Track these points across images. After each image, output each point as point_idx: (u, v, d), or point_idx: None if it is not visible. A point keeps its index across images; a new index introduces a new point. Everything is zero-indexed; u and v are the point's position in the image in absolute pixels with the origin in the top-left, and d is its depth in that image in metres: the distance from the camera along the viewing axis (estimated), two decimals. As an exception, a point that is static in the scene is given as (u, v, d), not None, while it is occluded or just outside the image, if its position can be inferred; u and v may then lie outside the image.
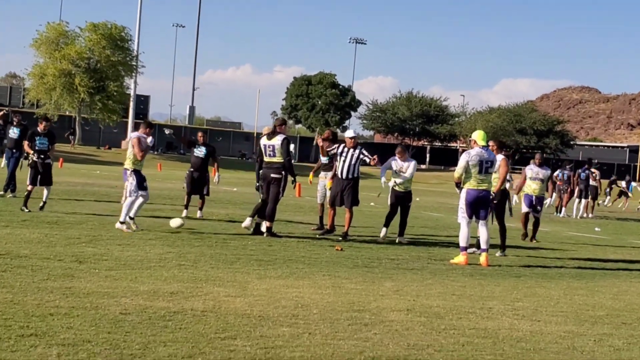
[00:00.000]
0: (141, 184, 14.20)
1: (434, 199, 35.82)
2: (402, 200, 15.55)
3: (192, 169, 17.52)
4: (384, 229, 15.34)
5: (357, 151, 15.15)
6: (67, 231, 12.87)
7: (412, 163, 15.66)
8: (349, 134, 15.89)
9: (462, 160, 12.59)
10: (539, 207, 17.57)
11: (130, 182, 14.13)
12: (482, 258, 12.50)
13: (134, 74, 71.18)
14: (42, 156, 16.48)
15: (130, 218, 13.96)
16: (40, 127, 16.70)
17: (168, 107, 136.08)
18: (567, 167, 31.68)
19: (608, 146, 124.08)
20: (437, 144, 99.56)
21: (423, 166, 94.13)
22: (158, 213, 17.67)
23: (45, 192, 16.40)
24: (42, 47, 65.96)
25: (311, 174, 17.84)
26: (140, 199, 14.11)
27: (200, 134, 18.29)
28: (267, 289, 8.78)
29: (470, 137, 12.97)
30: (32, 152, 16.40)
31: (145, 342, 5.99)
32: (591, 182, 30.16)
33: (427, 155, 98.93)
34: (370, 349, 6.29)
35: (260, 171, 14.72)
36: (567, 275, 11.93)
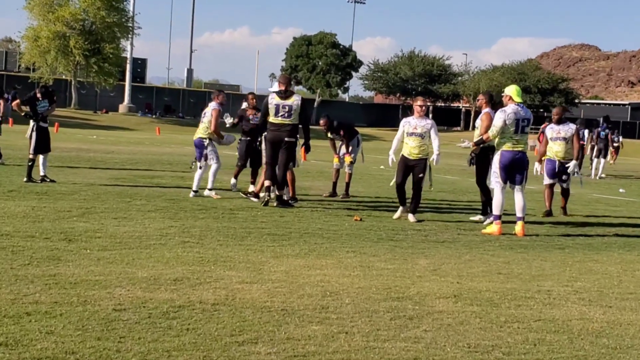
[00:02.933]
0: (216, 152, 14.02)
1: (443, 161, 34.32)
2: (413, 169, 12.40)
3: (248, 138, 14.96)
4: (400, 209, 12.50)
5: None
6: (57, 203, 11.60)
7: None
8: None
9: (499, 119, 11.24)
10: (564, 176, 14.37)
11: (210, 150, 13.87)
12: (518, 227, 11.25)
13: (130, 36, 69.41)
14: (44, 120, 15.09)
15: (209, 189, 13.72)
16: (38, 96, 15.17)
17: (165, 70, 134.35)
18: (582, 126, 30.53)
19: (609, 104, 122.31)
20: (440, 103, 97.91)
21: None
22: (157, 181, 16.40)
23: (42, 159, 14.90)
24: (35, 9, 64.06)
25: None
26: (215, 166, 13.92)
27: (250, 96, 16.10)
28: (286, 271, 7.53)
29: (504, 92, 11.61)
30: (29, 115, 14.95)
31: (145, 351, 4.75)
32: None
33: (430, 116, 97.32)
34: (424, 353, 5.06)
35: (266, 133, 13.19)
36: (614, 246, 10.68)
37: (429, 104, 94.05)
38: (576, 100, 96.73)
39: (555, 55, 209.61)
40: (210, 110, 13.87)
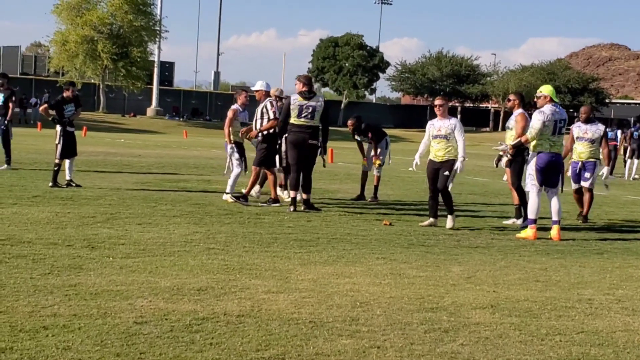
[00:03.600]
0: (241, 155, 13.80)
1: (472, 162, 34.02)
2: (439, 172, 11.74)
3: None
4: (430, 220, 11.71)
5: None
6: (81, 209, 11.41)
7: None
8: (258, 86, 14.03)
9: (538, 120, 10.84)
10: (587, 174, 13.30)
11: (232, 154, 13.70)
12: (554, 232, 10.88)
13: (157, 39, 69.56)
14: (71, 125, 14.90)
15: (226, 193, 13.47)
16: (67, 94, 15.02)
17: (193, 73, 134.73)
18: (614, 126, 30.08)
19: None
20: (468, 104, 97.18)
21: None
22: (183, 185, 16.20)
23: (68, 163, 14.68)
24: (63, 14, 64.37)
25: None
26: (236, 170, 13.64)
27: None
28: (313, 279, 7.25)
29: (539, 92, 11.22)
30: (56, 119, 14.74)
31: (166, 368, 4.49)
32: None
33: (459, 116, 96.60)
34: (461, 370, 4.76)
35: (287, 135, 12.81)
36: (655, 251, 10.29)
37: (453, 103, 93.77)
38: (607, 100, 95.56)
39: (585, 55, 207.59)
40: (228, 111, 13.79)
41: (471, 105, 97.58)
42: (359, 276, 7.51)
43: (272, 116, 13.15)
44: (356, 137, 15.23)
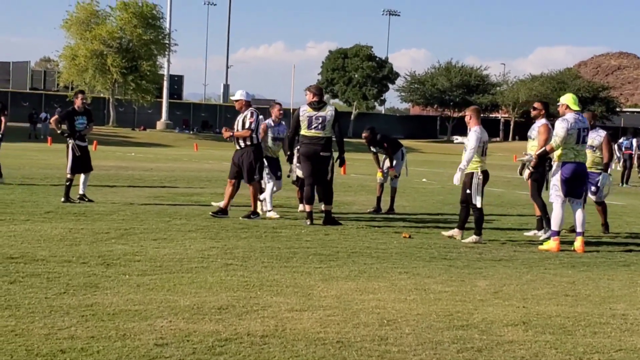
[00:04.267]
0: (273, 170, 13.63)
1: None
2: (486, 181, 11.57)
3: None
4: (456, 230, 11.40)
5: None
6: (95, 224, 11.21)
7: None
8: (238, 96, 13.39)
9: (561, 128, 10.58)
10: (592, 188, 12.54)
11: (265, 168, 13.41)
12: (578, 243, 10.63)
13: (166, 53, 69.65)
14: (82, 139, 14.60)
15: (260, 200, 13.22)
16: (78, 103, 14.62)
17: (202, 86, 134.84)
18: (631, 135, 29.89)
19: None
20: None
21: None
22: (197, 198, 16.00)
23: (83, 178, 14.46)
24: (72, 28, 64.57)
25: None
26: (269, 185, 13.42)
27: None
28: (337, 296, 7.02)
29: (559, 101, 10.98)
30: (65, 134, 14.44)
31: (190, 394, 4.26)
32: None
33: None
34: (500, 393, 4.51)
35: (299, 147, 12.59)
36: (682, 262, 10.02)
37: (463, 113, 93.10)
38: (617, 109, 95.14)
39: (593, 64, 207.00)
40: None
41: (481, 115, 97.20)
42: (383, 292, 7.27)
43: (247, 126, 12.80)
44: (372, 148, 15.02)
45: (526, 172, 11.97)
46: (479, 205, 11.13)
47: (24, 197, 14.52)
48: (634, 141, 28.17)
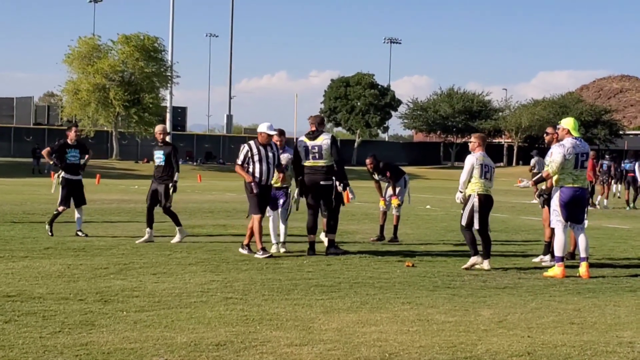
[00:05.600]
0: (272, 203, 12.63)
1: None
2: (486, 206, 11.30)
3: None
4: (477, 259, 11.08)
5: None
6: (94, 260, 11.10)
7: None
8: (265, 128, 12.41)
9: (558, 153, 10.49)
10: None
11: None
12: (582, 269, 10.48)
13: (169, 85, 69.93)
14: (73, 172, 14.54)
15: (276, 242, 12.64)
16: (70, 136, 14.60)
17: (205, 117, 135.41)
18: (607, 156, 30.16)
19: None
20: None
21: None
22: (198, 230, 15.90)
23: (77, 214, 14.49)
24: (74, 63, 64.95)
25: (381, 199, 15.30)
26: (271, 222, 12.62)
27: None
28: (338, 329, 6.89)
29: (559, 125, 10.88)
30: (57, 165, 14.49)
31: None
32: None
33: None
34: None
35: (301, 177, 12.34)
36: (690, 286, 9.86)
37: (467, 139, 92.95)
38: (620, 132, 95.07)
39: (595, 88, 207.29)
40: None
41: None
42: (385, 324, 7.14)
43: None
44: (374, 176, 14.93)
45: (542, 199, 11.83)
46: (463, 223, 11.17)
47: (24, 234, 14.43)
48: (637, 165, 28.03)
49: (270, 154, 12.17)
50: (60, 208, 14.33)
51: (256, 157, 12.10)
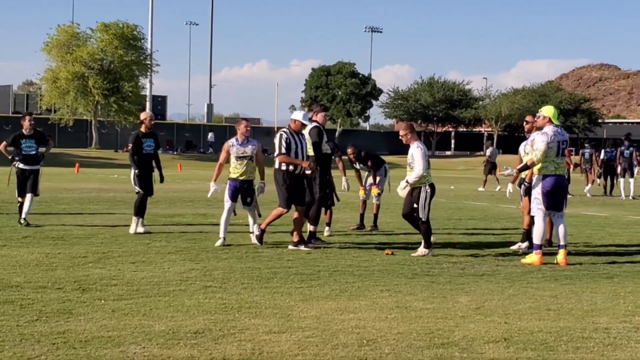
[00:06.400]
0: (233, 194, 12.12)
1: (469, 187, 33.80)
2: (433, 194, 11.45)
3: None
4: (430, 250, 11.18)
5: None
6: (72, 248, 11.06)
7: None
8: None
9: (542, 142, 10.50)
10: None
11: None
12: (560, 256, 10.55)
13: (148, 73, 69.56)
14: (29, 162, 14.02)
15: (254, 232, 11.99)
16: (25, 125, 14.01)
17: (186, 106, 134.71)
18: (586, 145, 30.49)
19: (632, 122, 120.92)
20: (462, 129, 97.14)
21: (448, 152, 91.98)
22: (178, 219, 15.86)
23: (26, 203, 13.89)
24: (53, 51, 64.45)
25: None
26: (225, 212, 12.00)
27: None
28: (316, 316, 6.91)
29: (540, 113, 10.90)
30: (16, 158, 14.03)
31: None
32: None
33: (453, 141, 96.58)
34: (480, 414, 4.41)
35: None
36: (666, 273, 9.96)
37: (447, 128, 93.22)
38: (599, 120, 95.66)
39: (575, 76, 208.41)
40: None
41: (465, 129, 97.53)
42: (363, 311, 7.17)
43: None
44: (355, 165, 14.95)
45: (522, 188, 11.83)
46: (424, 218, 11.09)
47: (2, 222, 14.34)
48: (619, 152, 28.25)
49: (301, 143, 11.88)
50: (20, 199, 14.05)
51: (293, 146, 11.75)
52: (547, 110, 10.79)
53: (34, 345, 5.67)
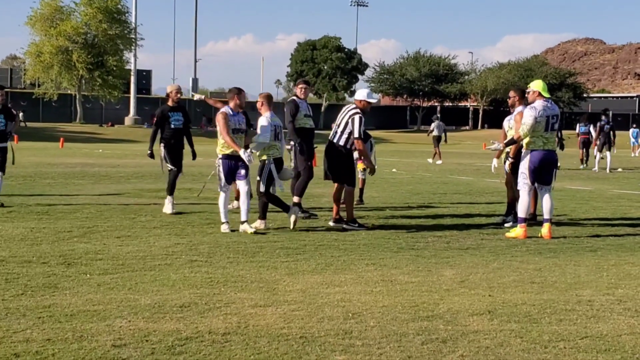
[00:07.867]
0: (229, 175, 10.71)
1: (456, 161, 33.88)
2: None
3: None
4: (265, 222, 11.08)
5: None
6: (57, 223, 11.02)
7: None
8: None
9: (529, 116, 10.50)
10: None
11: (218, 172, 10.78)
12: (545, 230, 10.62)
13: (133, 48, 69.03)
14: (2, 139, 13.42)
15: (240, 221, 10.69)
16: None
17: (171, 81, 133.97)
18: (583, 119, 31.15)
19: (617, 97, 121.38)
20: (447, 103, 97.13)
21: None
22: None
23: None
24: (37, 25, 63.85)
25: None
26: (221, 196, 10.70)
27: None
28: (302, 290, 6.94)
29: (529, 88, 10.90)
30: None
31: (147, 396, 4.15)
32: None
33: (439, 116, 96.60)
34: (464, 385, 4.45)
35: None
36: (649, 246, 10.05)
37: (433, 102, 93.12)
38: (584, 95, 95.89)
39: (560, 51, 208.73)
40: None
41: (450, 104, 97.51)
42: (349, 284, 7.20)
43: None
44: None
45: (507, 163, 11.82)
46: (262, 190, 10.98)
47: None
48: (592, 127, 28.69)
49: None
50: None
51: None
52: (536, 85, 10.78)
53: (19, 320, 5.67)
